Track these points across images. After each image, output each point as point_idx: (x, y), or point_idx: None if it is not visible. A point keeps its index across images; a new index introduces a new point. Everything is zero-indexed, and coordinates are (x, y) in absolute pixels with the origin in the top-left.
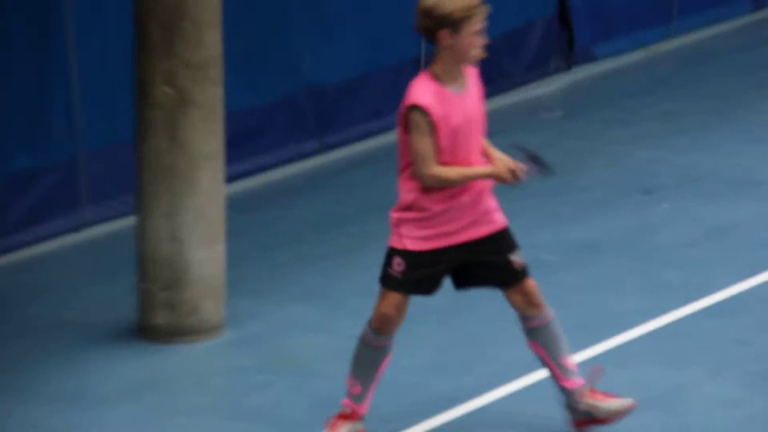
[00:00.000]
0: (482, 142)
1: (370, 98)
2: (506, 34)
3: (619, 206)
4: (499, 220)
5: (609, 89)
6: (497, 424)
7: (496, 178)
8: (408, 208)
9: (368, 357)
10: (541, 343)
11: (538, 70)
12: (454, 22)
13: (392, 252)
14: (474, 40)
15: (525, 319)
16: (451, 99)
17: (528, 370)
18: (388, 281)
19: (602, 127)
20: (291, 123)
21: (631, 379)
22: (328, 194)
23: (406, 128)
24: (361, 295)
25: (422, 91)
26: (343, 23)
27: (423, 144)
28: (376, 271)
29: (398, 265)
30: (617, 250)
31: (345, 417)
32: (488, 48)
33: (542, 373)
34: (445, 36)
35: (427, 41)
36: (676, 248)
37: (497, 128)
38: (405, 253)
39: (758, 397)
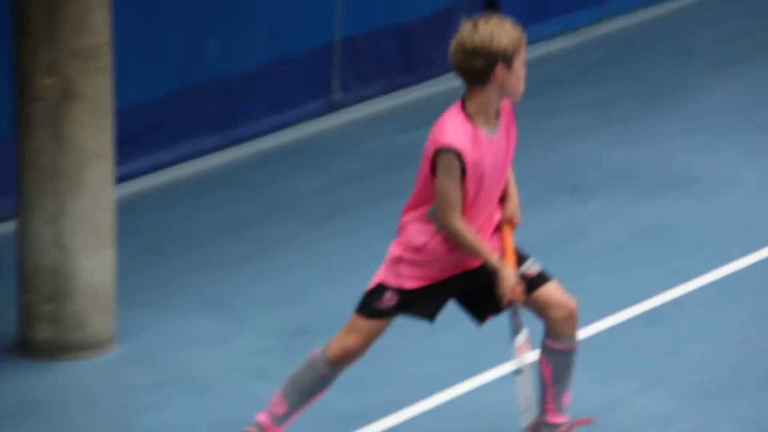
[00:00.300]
0: (504, 182)
1: (279, 89)
2: (428, 17)
3: (547, 205)
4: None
5: (539, 78)
6: None
7: (499, 279)
8: (416, 249)
9: (309, 383)
10: (555, 368)
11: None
12: (508, 57)
13: (384, 287)
14: (522, 72)
15: (553, 336)
16: (484, 144)
17: (440, 387)
18: (371, 312)
19: (531, 119)
20: (191, 117)
21: None
22: (231, 195)
23: (434, 167)
24: (265, 306)
25: (459, 132)
26: (252, 7)
27: (452, 190)
28: (279, 280)
29: (390, 299)
30: (543, 253)
31: None
32: (410, 33)
33: (456, 390)
34: (500, 72)
35: (472, 82)
36: (604, 251)
37: (423, 119)
38: (400, 291)
39: (693, 412)
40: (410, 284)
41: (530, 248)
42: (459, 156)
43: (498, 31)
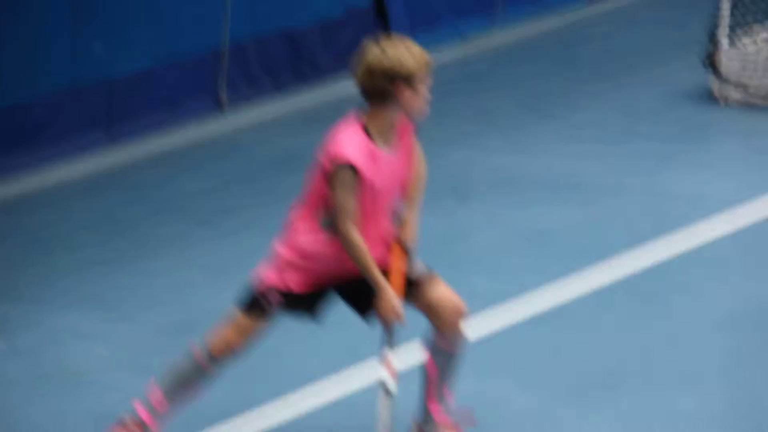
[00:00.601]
0: (398, 199)
1: (166, 89)
2: (320, 25)
3: (431, 209)
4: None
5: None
6: None
7: (380, 300)
8: (305, 257)
9: (189, 377)
10: (440, 366)
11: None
12: (413, 79)
13: (268, 287)
14: (426, 94)
15: (441, 337)
16: (381, 161)
17: (319, 381)
18: (254, 312)
19: (418, 125)
20: (76, 118)
21: None
22: (117, 196)
23: (327, 178)
24: (148, 303)
25: (355, 147)
26: (139, 9)
27: (348, 202)
28: (163, 279)
29: (272, 300)
30: (428, 255)
31: (128, 428)
32: (301, 40)
33: (335, 386)
34: (405, 94)
35: (375, 101)
36: (489, 254)
37: (309, 125)
38: (285, 294)
39: (571, 410)
40: (295, 288)
41: (416, 251)
42: (356, 172)
43: (405, 54)
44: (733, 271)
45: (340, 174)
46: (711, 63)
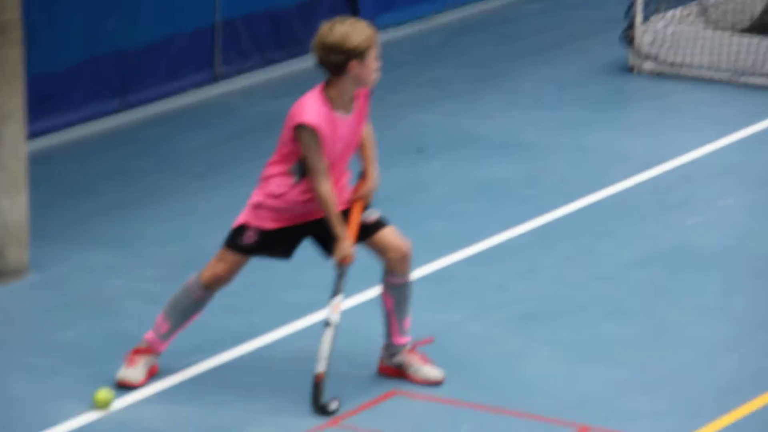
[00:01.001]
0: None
1: (169, 60)
2: (299, 5)
3: (394, 164)
4: (347, 199)
5: (385, 59)
6: (283, 358)
7: (337, 245)
8: (276, 197)
9: (187, 304)
10: (395, 298)
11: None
12: (361, 53)
13: (246, 226)
14: (374, 65)
15: (391, 274)
16: (337, 123)
17: (308, 311)
18: (235, 247)
19: (378, 93)
20: (94, 83)
21: None
22: (126, 151)
23: (293, 137)
24: (153, 244)
25: (314, 111)
26: None
27: (317, 162)
28: (169, 223)
29: (251, 236)
30: (391, 204)
31: (141, 351)
32: (284, 18)
33: (321, 314)
34: (354, 66)
35: (331, 72)
36: (444, 202)
37: (291, 90)
38: (260, 230)
39: (515, 335)
40: (269, 225)
41: (379, 199)
42: (314, 132)
43: (351, 30)
44: (648, 217)
45: (303, 135)
46: (627, 38)
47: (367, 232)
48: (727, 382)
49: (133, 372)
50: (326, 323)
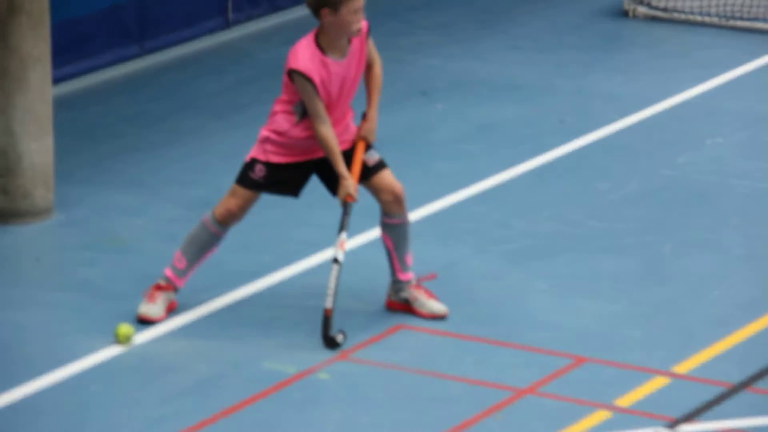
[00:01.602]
0: (355, 90)
1: (185, 8)
2: None
3: (400, 107)
4: (352, 138)
5: (397, 3)
6: (295, 294)
7: (340, 184)
8: (280, 134)
9: (202, 240)
10: (393, 238)
11: None
12: (333, 3)
13: (255, 161)
14: (352, 18)
15: (387, 215)
16: (330, 66)
17: (319, 249)
18: (246, 182)
19: (386, 38)
20: (114, 30)
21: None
22: (146, 94)
23: (290, 82)
24: (173, 184)
25: (304, 57)
26: None
27: (314, 105)
28: (187, 163)
29: (260, 171)
30: (399, 145)
31: (161, 288)
32: None
33: (332, 252)
34: (326, 14)
35: (317, 19)
36: (449, 143)
37: (301, 34)
38: (267, 164)
39: (516, 271)
40: (275, 159)
41: (387, 141)
42: (307, 77)
43: None
44: (642, 156)
45: (296, 80)
46: None
47: (366, 174)
48: (717, 312)
49: (153, 308)
50: (334, 260)
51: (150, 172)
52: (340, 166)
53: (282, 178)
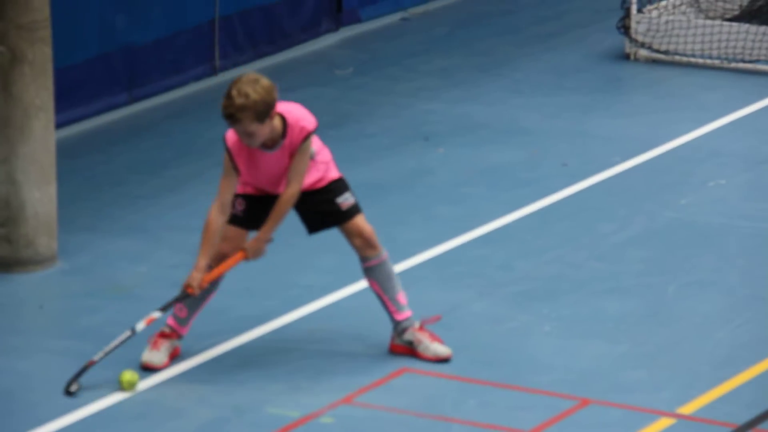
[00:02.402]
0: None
1: (174, 56)
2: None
3: (402, 151)
4: (330, 177)
5: (396, 48)
6: (298, 339)
7: (191, 273)
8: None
9: (203, 290)
10: (377, 280)
11: (311, 30)
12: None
13: (236, 196)
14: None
15: (363, 259)
16: (255, 154)
17: (323, 293)
18: (231, 219)
19: (387, 83)
20: (105, 78)
21: (414, 299)
22: (145, 142)
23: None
24: (175, 230)
25: (235, 139)
26: None
27: (221, 182)
28: (190, 208)
29: (239, 204)
30: (402, 190)
31: (166, 336)
32: (271, 12)
33: (335, 296)
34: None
35: None
36: (451, 187)
37: (284, 79)
38: (243, 196)
39: (519, 313)
40: (241, 189)
41: (388, 185)
42: (227, 148)
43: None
44: (645, 198)
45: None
46: (623, 26)
47: (339, 218)
48: (722, 353)
49: (157, 355)
50: (132, 329)
51: (152, 219)
52: (202, 258)
53: (259, 210)
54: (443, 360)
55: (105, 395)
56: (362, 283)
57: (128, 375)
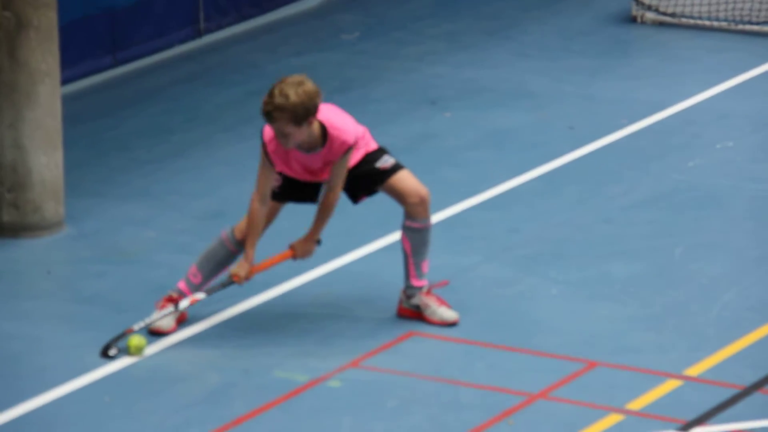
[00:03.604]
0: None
1: (154, 20)
2: None
3: (409, 115)
4: (368, 148)
5: (405, 13)
6: (305, 303)
7: (239, 263)
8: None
9: (220, 257)
10: (413, 243)
11: None
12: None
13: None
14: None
15: (410, 218)
16: (290, 154)
17: (330, 257)
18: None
19: (394, 47)
20: (88, 40)
21: None
22: (155, 107)
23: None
24: (186, 195)
25: (271, 135)
26: None
27: (259, 176)
28: (196, 173)
29: (276, 181)
30: (409, 154)
31: (173, 300)
32: None
33: (342, 260)
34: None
35: None
36: (458, 151)
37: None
38: (281, 174)
39: (527, 276)
40: (279, 168)
41: (396, 149)
42: (264, 143)
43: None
44: (652, 160)
45: (261, 149)
46: None
47: (381, 178)
48: (729, 314)
49: (165, 319)
50: (176, 306)
51: (159, 184)
52: (250, 247)
53: (295, 185)
54: (450, 324)
55: (113, 360)
56: (369, 248)
57: (136, 339)
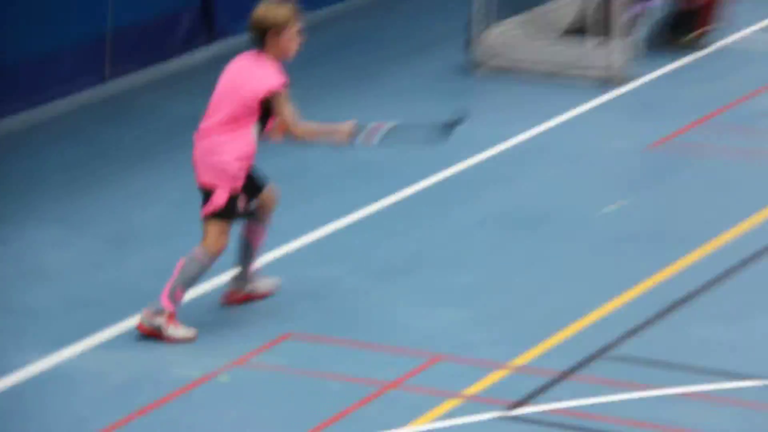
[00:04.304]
0: None
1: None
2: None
3: (280, 152)
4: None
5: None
6: (198, 313)
7: (339, 130)
8: (243, 158)
9: (198, 274)
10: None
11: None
12: (278, 29)
13: (234, 196)
14: (292, 41)
15: (264, 218)
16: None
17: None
18: (234, 216)
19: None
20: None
21: (294, 276)
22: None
23: (278, 104)
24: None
25: (278, 72)
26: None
27: (291, 107)
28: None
29: (241, 201)
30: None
31: (173, 318)
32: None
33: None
34: (270, 36)
35: (256, 45)
36: (325, 181)
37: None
38: (241, 192)
39: (385, 288)
40: (241, 182)
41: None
42: (287, 85)
43: (271, 9)
44: (486, 189)
45: (285, 93)
46: (468, 43)
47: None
48: (545, 316)
49: (185, 330)
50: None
51: (74, 210)
52: (329, 126)
53: (249, 190)
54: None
55: (33, 362)
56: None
57: None
